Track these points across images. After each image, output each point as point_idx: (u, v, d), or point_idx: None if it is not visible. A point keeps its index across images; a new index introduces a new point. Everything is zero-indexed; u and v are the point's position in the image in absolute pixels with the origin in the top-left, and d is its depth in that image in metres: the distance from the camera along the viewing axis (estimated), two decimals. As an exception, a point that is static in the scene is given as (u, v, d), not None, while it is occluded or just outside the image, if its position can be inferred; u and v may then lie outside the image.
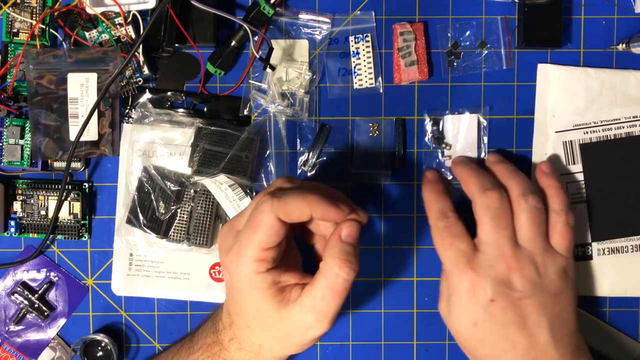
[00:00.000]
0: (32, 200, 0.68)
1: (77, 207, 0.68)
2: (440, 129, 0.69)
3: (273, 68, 0.66)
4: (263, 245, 0.55)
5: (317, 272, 0.57)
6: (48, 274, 0.70)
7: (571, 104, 0.68)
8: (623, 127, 0.68)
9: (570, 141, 0.68)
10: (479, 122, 0.69)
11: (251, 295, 0.57)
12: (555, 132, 0.68)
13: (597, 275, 0.69)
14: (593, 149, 0.68)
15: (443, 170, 0.69)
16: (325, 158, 0.69)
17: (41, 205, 0.68)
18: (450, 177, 0.69)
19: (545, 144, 0.68)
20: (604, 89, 0.68)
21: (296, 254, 0.62)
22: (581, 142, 0.68)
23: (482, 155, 0.69)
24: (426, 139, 0.69)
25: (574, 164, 0.68)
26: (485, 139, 0.69)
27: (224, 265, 0.59)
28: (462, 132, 0.69)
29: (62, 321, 0.70)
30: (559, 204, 0.62)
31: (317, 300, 0.55)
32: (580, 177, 0.68)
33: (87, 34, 0.66)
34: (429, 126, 0.69)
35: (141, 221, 0.67)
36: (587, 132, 0.68)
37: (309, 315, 0.56)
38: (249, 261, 0.55)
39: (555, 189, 0.63)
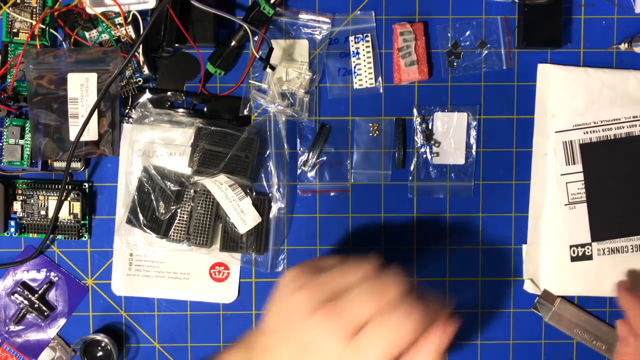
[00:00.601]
0: (32, 200, 0.68)
1: (77, 207, 0.68)
2: (430, 126, 0.69)
3: (273, 68, 0.66)
4: None
5: None
6: (48, 274, 0.70)
7: (571, 103, 0.68)
8: (623, 127, 0.68)
9: (570, 141, 0.68)
10: (468, 121, 0.69)
11: None
12: (555, 132, 0.68)
13: (597, 275, 0.69)
14: (593, 149, 0.68)
15: (430, 168, 0.69)
16: (325, 158, 0.69)
17: (41, 205, 0.68)
18: (433, 176, 0.69)
19: (545, 144, 0.68)
20: (604, 88, 0.68)
21: None
22: (581, 142, 0.68)
23: (472, 153, 0.69)
24: (415, 137, 0.69)
25: (574, 163, 0.68)
26: (474, 137, 0.69)
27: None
28: (451, 130, 0.69)
29: (62, 321, 0.70)
30: None
31: None
32: (580, 177, 0.68)
33: (87, 34, 0.66)
34: (417, 123, 0.69)
35: (141, 221, 0.67)
36: (587, 132, 0.68)
37: None
38: None
39: None
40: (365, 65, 0.68)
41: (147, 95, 0.68)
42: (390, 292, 0.49)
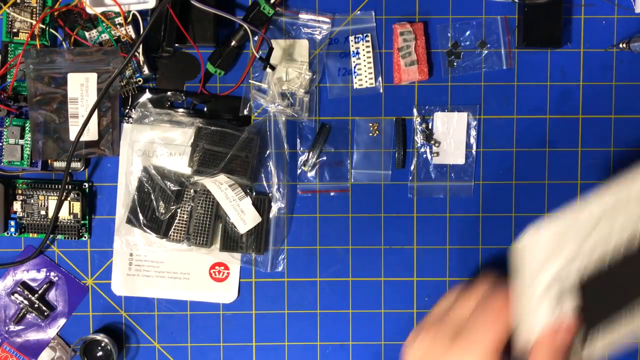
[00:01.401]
0: (32, 200, 0.68)
1: (77, 207, 0.68)
2: (430, 126, 0.69)
3: (273, 68, 0.66)
4: None
5: None
6: (48, 274, 0.70)
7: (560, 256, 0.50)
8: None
9: (560, 288, 0.50)
10: (468, 121, 0.69)
11: None
12: (541, 288, 0.50)
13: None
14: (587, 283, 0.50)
15: (431, 169, 0.69)
16: (325, 158, 0.69)
17: (41, 205, 0.68)
18: (433, 176, 0.69)
19: (530, 304, 0.51)
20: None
21: None
22: (573, 284, 0.50)
23: (472, 153, 0.69)
24: (415, 137, 0.69)
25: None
26: (474, 137, 0.69)
27: None
28: (451, 130, 0.69)
29: (62, 321, 0.70)
30: None
31: None
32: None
33: (87, 34, 0.66)
34: (417, 123, 0.69)
35: (141, 221, 0.67)
36: (579, 271, 0.50)
37: None
38: None
39: None
40: (365, 65, 0.68)
41: (147, 95, 0.69)
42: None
